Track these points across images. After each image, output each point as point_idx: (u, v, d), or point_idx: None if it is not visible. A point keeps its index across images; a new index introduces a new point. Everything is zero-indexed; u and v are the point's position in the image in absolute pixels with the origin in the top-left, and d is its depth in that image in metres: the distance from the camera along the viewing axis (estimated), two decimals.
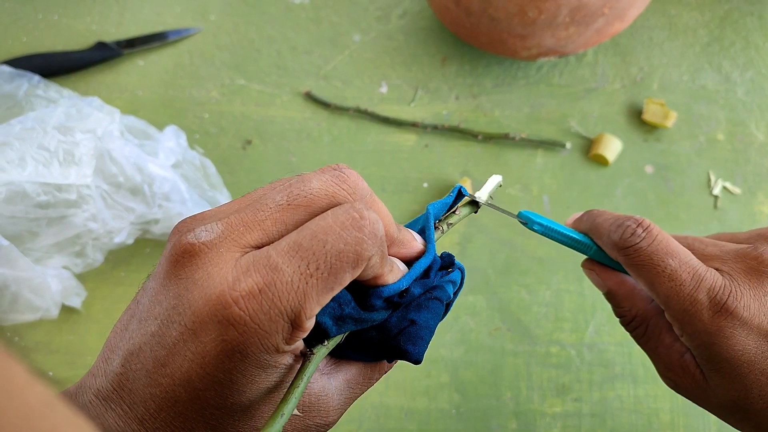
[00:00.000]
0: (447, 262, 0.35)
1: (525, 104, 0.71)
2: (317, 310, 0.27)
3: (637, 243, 0.38)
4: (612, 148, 0.68)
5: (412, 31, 0.74)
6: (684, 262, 0.37)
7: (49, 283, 0.58)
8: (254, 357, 0.27)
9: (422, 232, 0.34)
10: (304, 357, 0.29)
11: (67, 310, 0.63)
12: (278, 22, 0.74)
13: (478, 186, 0.67)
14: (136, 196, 0.60)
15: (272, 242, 0.28)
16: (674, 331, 0.39)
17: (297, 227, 0.28)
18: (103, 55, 0.71)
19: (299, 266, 0.27)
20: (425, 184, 0.68)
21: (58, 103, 0.58)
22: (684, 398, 0.60)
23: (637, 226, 0.38)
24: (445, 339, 0.63)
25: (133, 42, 0.72)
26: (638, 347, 0.62)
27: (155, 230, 0.62)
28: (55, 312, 0.60)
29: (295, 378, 0.28)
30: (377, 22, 0.74)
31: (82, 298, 0.63)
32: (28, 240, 0.58)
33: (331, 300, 0.29)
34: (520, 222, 0.41)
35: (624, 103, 0.70)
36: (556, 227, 0.40)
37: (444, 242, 0.66)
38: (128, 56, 0.72)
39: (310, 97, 0.71)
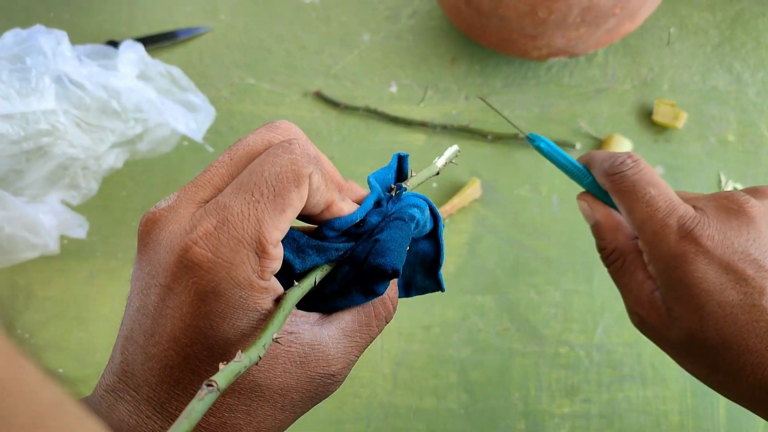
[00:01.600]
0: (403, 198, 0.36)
1: (535, 104, 0.71)
2: (277, 234, 0.28)
3: (624, 171, 0.40)
4: (622, 148, 0.67)
5: (421, 30, 0.74)
6: (662, 192, 0.39)
7: (42, 220, 0.58)
8: (228, 295, 0.28)
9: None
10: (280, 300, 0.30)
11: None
12: (288, 22, 0.74)
13: (486, 186, 0.67)
14: (107, 115, 0.58)
15: None
16: (647, 270, 0.41)
17: None
18: None
19: (245, 198, 0.28)
20: (434, 184, 0.68)
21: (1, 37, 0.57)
22: (693, 399, 0.60)
23: (627, 158, 0.41)
24: (453, 339, 0.63)
25: (144, 41, 0.72)
26: (648, 349, 0.62)
27: (142, 147, 0.61)
28: (54, 247, 0.60)
29: (271, 316, 0.28)
30: (387, 21, 0.74)
31: (86, 229, 0.63)
32: (16, 180, 0.57)
33: (290, 238, 0.31)
34: (528, 140, 0.44)
35: (634, 104, 0.70)
36: (559, 151, 0.43)
37: (453, 242, 0.66)
38: None
39: (320, 97, 0.71)
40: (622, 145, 0.67)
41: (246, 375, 0.29)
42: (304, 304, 0.33)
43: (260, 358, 0.26)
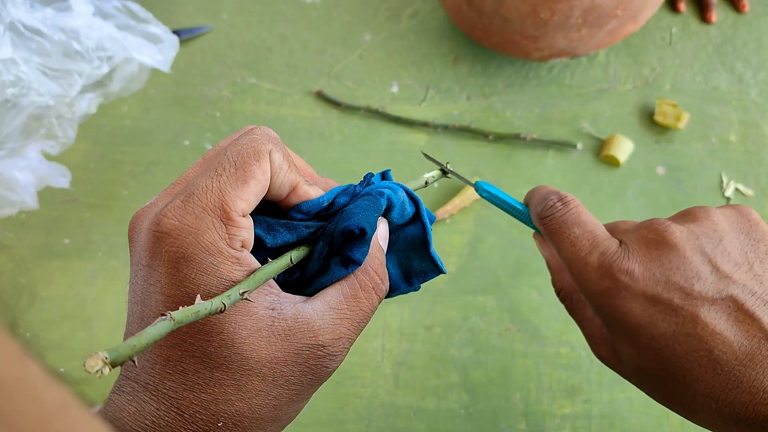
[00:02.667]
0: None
1: (536, 105, 0.71)
2: (241, 204, 0.30)
3: (553, 214, 0.41)
4: (623, 149, 0.67)
5: (423, 30, 0.74)
6: (587, 231, 0.39)
7: (18, 177, 0.58)
8: (198, 260, 0.29)
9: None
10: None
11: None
12: (290, 22, 0.74)
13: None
14: (70, 58, 0.57)
15: None
16: None
17: None
18: None
19: (209, 174, 0.30)
20: (435, 184, 0.68)
21: None
22: None
23: (558, 200, 0.41)
24: (455, 339, 0.63)
25: None
26: None
27: (113, 88, 0.60)
28: (32, 203, 0.60)
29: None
30: (388, 21, 0.74)
31: (69, 179, 0.64)
32: None
33: (261, 220, 0.33)
34: (474, 187, 0.44)
35: (636, 104, 0.70)
36: (502, 196, 0.44)
37: (454, 243, 0.66)
38: None
39: (321, 97, 0.71)
40: (624, 145, 0.67)
41: (231, 347, 0.29)
42: (290, 291, 0.33)
43: (224, 306, 0.27)
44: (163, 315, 0.25)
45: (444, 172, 0.41)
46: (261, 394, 0.30)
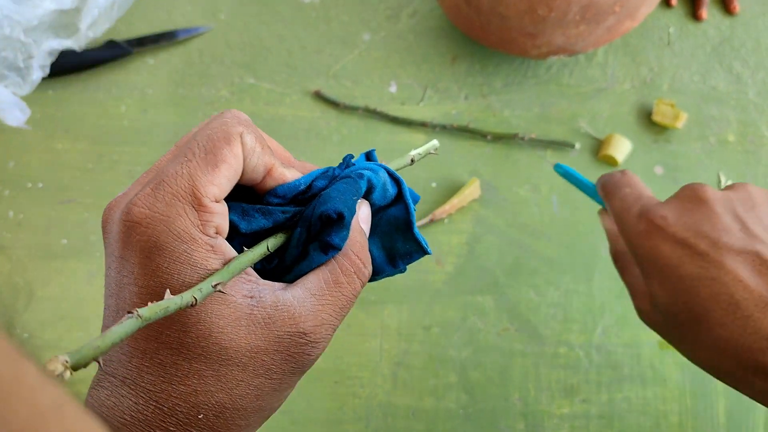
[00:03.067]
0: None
1: (535, 104, 0.70)
2: (212, 189, 0.29)
3: (611, 179, 0.48)
4: (621, 148, 0.67)
5: (422, 30, 0.74)
6: (636, 190, 0.45)
7: None
8: (170, 248, 0.28)
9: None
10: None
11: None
12: (288, 21, 0.74)
13: (485, 186, 0.67)
14: None
15: None
16: None
17: None
18: (113, 53, 0.71)
19: (179, 159, 0.30)
20: (434, 184, 0.68)
21: None
22: (692, 400, 0.60)
23: (618, 172, 0.48)
24: (453, 339, 0.63)
25: (144, 41, 0.73)
26: (647, 350, 0.62)
27: (83, 27, 0.58)
28: None
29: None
30: (387, 21, 0.74)
31: (27, 115, 0.63)
32: None
33: (236, 206, 0.32)
34: (554, 169, 0.55)
35: (634, 104, 0.70)
36: (577, 175, 0.54)
37: (452, 243, 0.66)
38: (138, 55, 0.73)
39: (320, 97, 0.71)
40: (622, 144, 0.67)
41: (209, 338, 0.29)
42: (270, 278, 0.33)
43: (195, 300, 0.27)
44: (130, 313, 0.24)
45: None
46: (242, 384, 0.30)
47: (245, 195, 0.34)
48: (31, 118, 0.70)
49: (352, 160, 0.36)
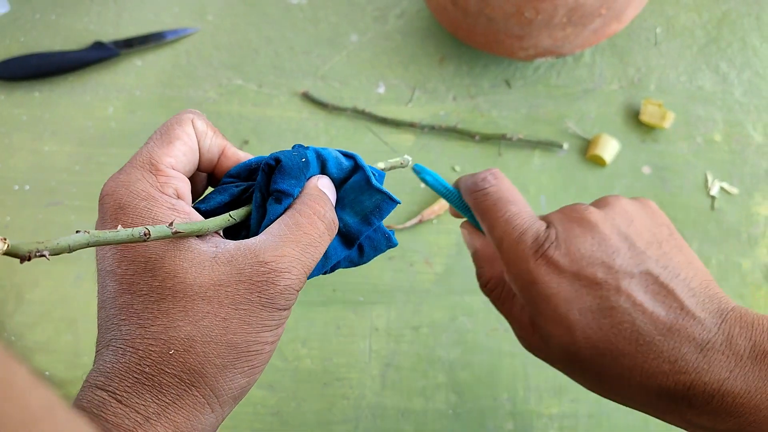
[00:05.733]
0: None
1: (522, 105, 0.71)
2: (167, 159, 0.34)
3: (486, 188, 0.41)
4: (609, 148, 0.68)
5: (409, 31, 0.74)
6: (521, 210, 0.40)
7: None
8: (133, 205, 0.32)
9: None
10: None
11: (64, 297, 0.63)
12: (276, 23, 0.74)
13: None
14: None
15: None
16: None
17: None
18: (100, 55, 0.71)
19: (143, 146, 0.35)
20: (422, 185, 0.68)
21: None
22: None
23: (489, 174, 0.42)
24: (442, 339, 0.63)
25: (131, 42, 0.72)
26: None
27: None
28: None
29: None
30: (375, 22, 0.74)
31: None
32: None
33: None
34: (413, 170, 0.45)
35: (621, 104, 0.70)
36: (438, 179, 0.44)
37: (441, 243, 0.66)
38: (126, 56, 0.72)
39: (308, 98, 0.71)
40: (610, 144, 0.67)
41: (174, 278, 0.31)
42: None
43: (147, 232, 0.29)
44: (82, 231, 0.27)
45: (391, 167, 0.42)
46: (208, 315, 0.31)
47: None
48: (18, 120, 0.70)
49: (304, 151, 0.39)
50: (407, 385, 0.62)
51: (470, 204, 0.42)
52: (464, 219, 0.46)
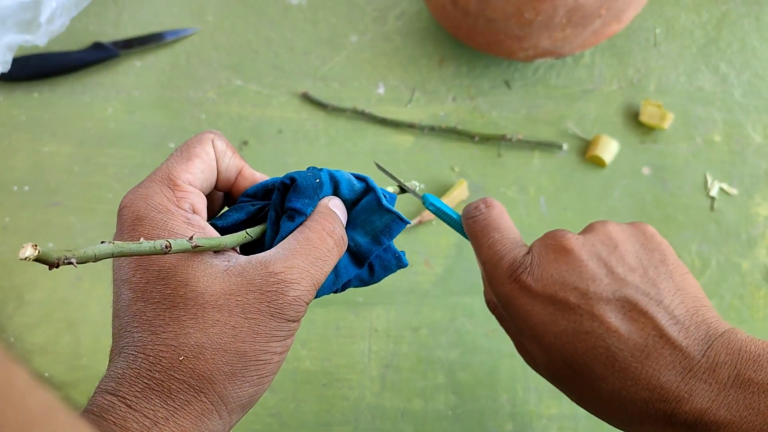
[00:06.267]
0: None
1: (522, 105, 0.71)
2: (185, 175, 0.35)
3: (476, 216, 0.43)
4: (609, 149, 0.68)
5: (409, 32, 0.74)
6: (504, 237, 0.42)
7: None
8: (150, 217, 0.33)
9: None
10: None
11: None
12: (276, 23, 0.74)
13: (473, 187, 0.67)
14: None
15: None
16: None
17: None
18: (100, 55, 0.71)
19: (163, 162, 0.36)
20: (422, 186, 0.68)
21: None
22: None
23: (482, 203, 0.44)
24: (442, 340, 0.63)
25: (131, 42, 0.72)
26: None
27: (43, 21, 0.58)
28: None
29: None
30: (374, 23, 0.74)
31: None
32: None
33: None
34: (421, 201, 0.47)
35: (621, 105, 0.70)
36: (443, 208, 0.46)
37: (441, 244, 0.66)
38: (125, 57, 0.72)
39: (307, 98, 0.71)
40: (610, 145, 0.67)
41: (186, 286, 0.32)
42: None
43: (169, 245, 0.30)
44: (108, 242, 0.28)
45: (402, 189, 0.44)
46: (218, 323, 0.31)
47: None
48: (17, 121, 0.70)
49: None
50: (407, 386, 0.62)
51: (465, 230, 0.44)
52: None
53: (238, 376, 0.31)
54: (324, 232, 0.35)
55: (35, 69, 0.69)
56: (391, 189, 0.41)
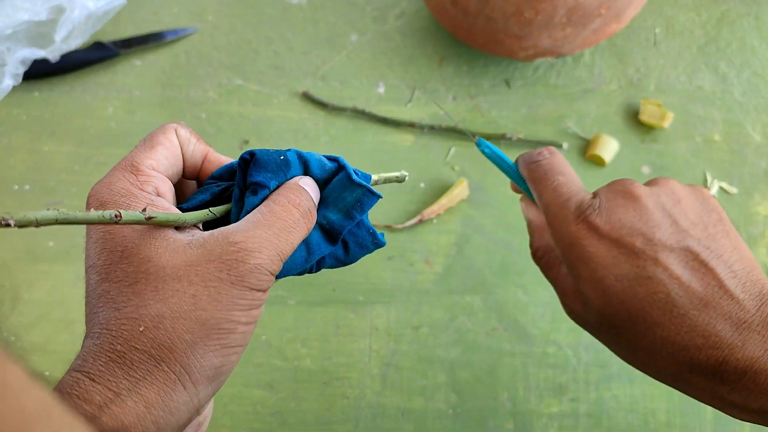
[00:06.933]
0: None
1: (522, 105, 0.71)
2: (148, 161, 0.36)
3: (540, 160, 0.44)
4: (609, 148, 0.68)
5: (409, 31, 0.74)
6: (569, 180, 0.43)
7: None
8: (113, 201, 0.34)
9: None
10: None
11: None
12: (276, 23, 0.74)
13: (473, 186, 0.67)
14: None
15: None
16: None
17: None
18: (100, 55, 0.71)
19: (127, 154, 0.37)
20: (422, 185, 0.68)
21: None
22: (680, 397, 0.60)
23: (545, 150, 0.45)
24: (442, 339, 0.63)
25: (130, 42, 0.72)
26: None
27: (58, 40, 0.59)
28: None
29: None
30: (374, 22, 0.74)
31: None
32: None
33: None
34: (476, 144, 0.48)
35: (621, 104, 0.71)
36: (499, 153, 0.47)
37: (441, 243, 0.66)
38: (125, 56, 0.72)
39: (308, 98, 0.71)
40: (610, 144, 0.68)
41: (148, 262, 0.32)
42: None
43: (119, 215, 0.30)
44: (53, 209, 0.28)
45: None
46: (178, 293, 0.31)
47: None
48: (17, 120, 0.70)
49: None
50: (407, 384, 0.62)
51: (525, 175, 0.45)
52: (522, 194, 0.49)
53: (199, 344, 0.31)
54: (289, 204, 0.35)
55: (35, 68, 0.69)
56: (375, 177, 0.41)
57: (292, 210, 0.35)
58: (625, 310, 0.38)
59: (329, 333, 0.63)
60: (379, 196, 0.38)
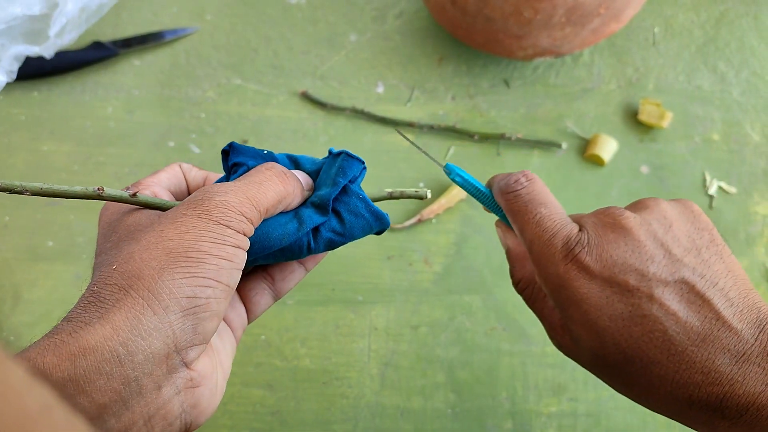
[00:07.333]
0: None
1: (521, 104, 0.71)
2: (149, 180, 0.39)
3: (518, 189, 0.41)
4: (608, 148, 0.68)
5: (408, 31, 0.74)
6: (552, 212, 0.40)
7: None
8: (115, 207, 0.37)
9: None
10: None
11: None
12: (275, 22, 0.74)
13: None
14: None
15: None
16: None
17: None
18: (99, 54, 0.71)
19: None
20: (421, 184, 0.68)
21: None
22: None
23: (522, 176, 0.41)
24: (441, 339, 0.63)
25: (130, 42, 0.72)
26: None
27: (52, 35, 0.58)
28: None
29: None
30: (374, 22, 0.74)
31: None
32: None
33: None
34: (444, 172, 0.44)
35: (620, 104, 0.71)
36: (468, 178, 0.44)
37: (440, 243, 0.66)
38: (125, 56, 0.72)
39: (307, 97, 0.71)
40: (608, 144, 0.68)
41: (133, 224, 0.35)
42: None
43: (102, 190, 0.34)
44: (41, 183, 0.32)
45: (420, 196, 0.42)
46: (149, 233, 0.33)
47: None
48: (17, 120, 0.70)
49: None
50: (406, 384, 0.62)
51: (502, 205, 0.42)
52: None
53: (166, 270, 0.31)
54: (262, 168, 0.37)
55: (34, 68, 0.69)
56: (388, 190, 0.42)
57: (264, 170, 0.37)
58: (621, 351, 0.36)
59: (329, 333, 0.63)
60: (359, 160, 0.39)
